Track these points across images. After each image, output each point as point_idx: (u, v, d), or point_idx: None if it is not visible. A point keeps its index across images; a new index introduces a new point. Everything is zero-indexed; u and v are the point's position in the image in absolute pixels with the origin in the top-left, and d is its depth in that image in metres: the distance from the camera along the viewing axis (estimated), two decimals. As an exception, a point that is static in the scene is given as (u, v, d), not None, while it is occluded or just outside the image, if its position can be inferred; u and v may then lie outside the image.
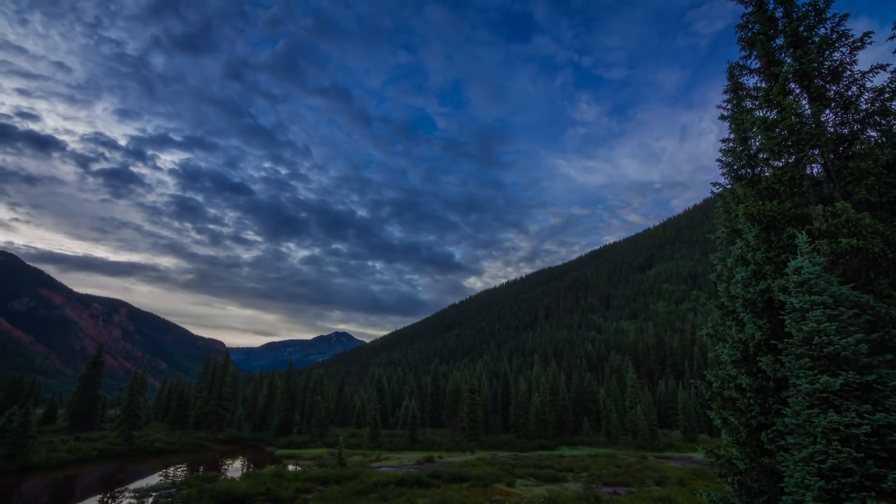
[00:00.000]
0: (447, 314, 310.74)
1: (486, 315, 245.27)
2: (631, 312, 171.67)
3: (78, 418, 65.46)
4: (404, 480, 32.37)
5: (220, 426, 72.58)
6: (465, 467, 38.90)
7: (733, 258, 13.11)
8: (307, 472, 36.34)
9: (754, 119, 13.22)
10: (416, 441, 63.15)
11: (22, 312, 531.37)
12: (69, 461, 44.47)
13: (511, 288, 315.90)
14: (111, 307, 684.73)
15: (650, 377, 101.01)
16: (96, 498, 31.77)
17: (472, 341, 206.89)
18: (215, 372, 73.75)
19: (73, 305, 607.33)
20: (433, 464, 45.32)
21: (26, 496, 32.81)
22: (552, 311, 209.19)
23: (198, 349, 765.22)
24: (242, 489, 28.27)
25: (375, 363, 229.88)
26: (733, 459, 12.22)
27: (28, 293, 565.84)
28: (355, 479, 32.67)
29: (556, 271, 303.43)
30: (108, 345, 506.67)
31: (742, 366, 12.23)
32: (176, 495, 28.33)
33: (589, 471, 39.32)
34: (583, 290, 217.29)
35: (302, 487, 30.41)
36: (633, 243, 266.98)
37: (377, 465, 45.44)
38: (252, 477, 33.76)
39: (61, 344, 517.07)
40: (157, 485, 34.49)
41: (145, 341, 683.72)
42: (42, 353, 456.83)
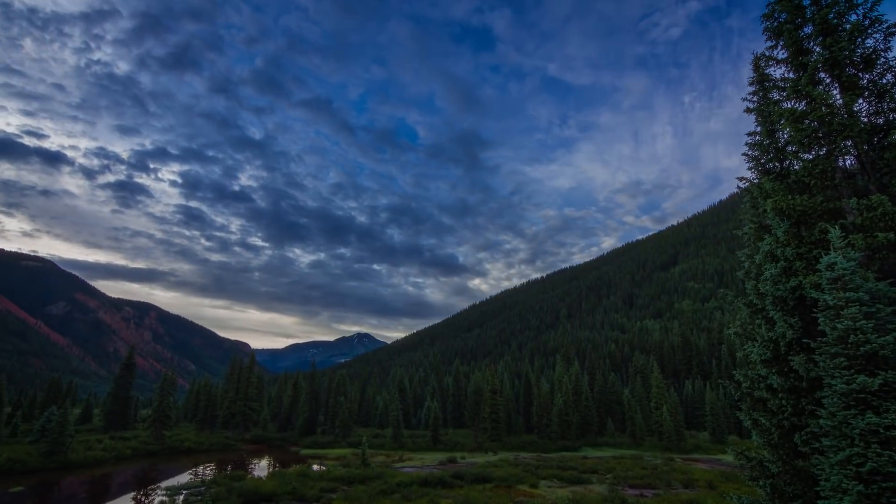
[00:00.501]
0: (468, 314, 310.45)
1: (507, 315, 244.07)
2: (655, 311, 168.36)
3: (112, 418, 67.75)
4: (427, 481, 32.45)
5: (246, 426, 74.08)
6: (487, 468, 38.77)
7: (762, 255, 12.73)
8: (331, 471, 36.78)
9: (782, 111, 12.82)
10: (438, 441, 63.24)
11: (59, 316, 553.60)
12: (105, 459, 46.07)
13: (532, 287, 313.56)
14: (142, 310, 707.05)
15: (676, 377, 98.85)
16: (130, 495, 32.84)
17: (494, 342, 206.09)
18: (241, 373, 75.35)
19: (106, 309, 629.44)
20: (456, 464, 45.31)
21: (65, 493, 34.11)
22: (574, 311, 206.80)
23: (224, 351, 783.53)
24: (269, 488, 28.79)
25: (397, 364, 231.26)
26: (765, 462, 11.85)
27: (64, 298, 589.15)
28: (379, 480, 32.91)
29: (577, 270, 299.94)
30: (139, 347, 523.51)
31: (773, 365, 11.86)
32: (205, 493, 29.04)
33: (614, 472, 38.71)
34: (605, 289, 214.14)
35: (327, 487, 30.79)
36: (656, 241, 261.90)
37: (400, 465, 45.68)
38: (278, 476, 34.36)
39: (96, 346, 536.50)
40: (188, 483, 35.44)
41: (174, 343, 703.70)
42: (78, 356, 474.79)
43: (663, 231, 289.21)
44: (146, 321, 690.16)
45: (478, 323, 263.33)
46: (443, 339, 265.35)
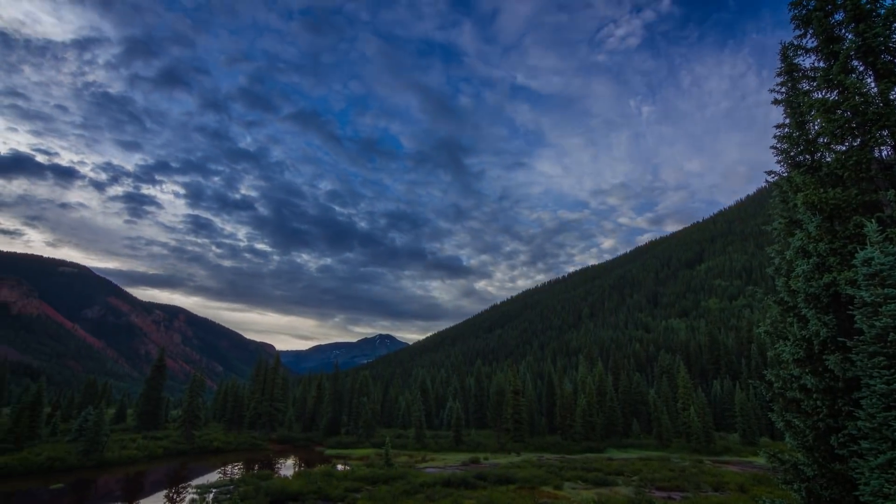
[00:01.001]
0: (489, 315, 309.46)
1: (529, 315, 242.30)
2: (681, 310, 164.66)
3: (145, 418, 69.91)
4: (450, 481, 32.46)
5: (272, 426, 75.44)
6: (510, 469, 38.55)
7: (793, 250, 12.32)
8: (355, 471, 37.14)
9: (812, 101, 12.39)
10: (461, 442, 63.21)
11: (94, 320, 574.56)
12: (138, 458, 47.59)
13: (553, 287, 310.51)
14: (171, 313, 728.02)
15: (703, 377, 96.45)
16: (163, 493, 33.83)
17: (515, 342, 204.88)
18: (267, 374, 76.80)
19: (137, 313, 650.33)
20: (479, 465, 45.21)
21: (102, 491, 35.35)
22: (596, 310, 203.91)
23: (250, 352, 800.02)
24: (295, 487, 29.25)
25: (419, 364, 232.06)
26: (800, 465, 11.45)
27: (98, 302, 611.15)
28: (402, 480, 33.08)
29: (599, 269, 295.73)
30: (169, 349, 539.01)
31: (806, 365, 11.46)
32: (234, 492, 29.68)
33: (640, 474, 37.98)
34: (628, 288, 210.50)
35: (351, 487, 31.11)
36: (680, 238, 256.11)
37: (423, 465, 45.82)
38: (303, 476, 34.88)
39: (128, 349, 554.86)
40: (217, 482, 36.31)
41: (202, 345, 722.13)
42: (112, 358, 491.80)
43: (688, 228, 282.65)
44: (175, 324, 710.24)
45: (499, 323, 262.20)
46: (464, 339, 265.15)
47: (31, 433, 51.88)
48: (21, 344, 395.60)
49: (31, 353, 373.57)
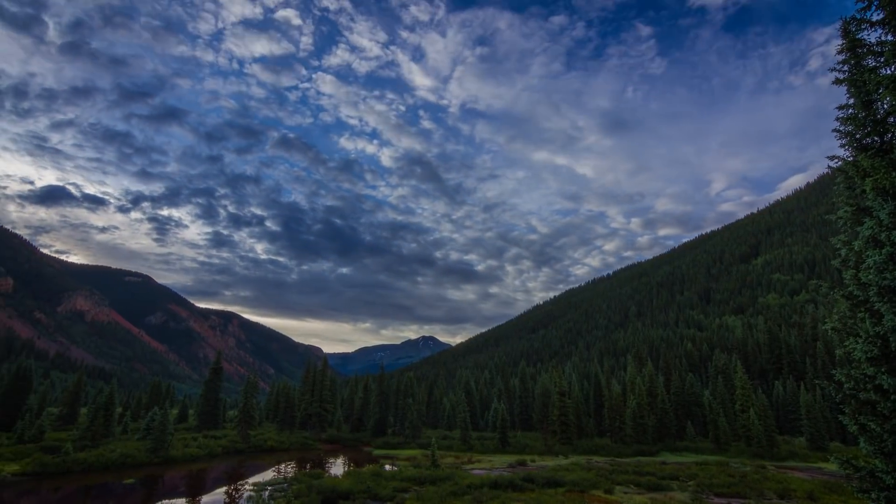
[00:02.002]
0: (532, 315, 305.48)
1: (573, 315, 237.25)
2: (736, 307, 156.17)
3: (204, 418, 73.80)
4: (497, 483, 32.25)
5: (322, 426, 77.69)
6: (558, 472, 37.84)
7: (862, 240, 11.42)
8: (403, 472, 37.62)
9: (880, 78, 11.46)
10: (506, 444, 62.69)
11: (157, 325, 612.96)
12: (200, 456, 50.30)
13: (598, 286, 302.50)
14: (226, 318, 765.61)
15: (763, 378, 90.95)
16: (223, 489, 35.59)
17: (560, 342, 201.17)
18: (315, 376, 79.23)
19: (195, 318, 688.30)
20: (525, 467, 44.68)
21: (168, 486, 37.62)
22: (644, 309, 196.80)
23: (299, 355, 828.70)
24: (345, 486, 29.97)
25: (462, 366, 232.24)
26: (877, 472, 10.58)
27: (161, 309, 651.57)
28: (449, 481, 33.20)
29: (645, 266, 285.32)
30: (224, 352, 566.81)
31: (881, 363, 10.58)
32: (288, 490, 30.79)
33: (697, 479, 36.30)
34: (678, 285, 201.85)
35: (399, 487, 31.54)
36: (733, 231, 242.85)
37: (469, 467, 45.78)
38: (353, 475, 35.69)
39: (188, 352, 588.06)
40: (272, 480, 37.80)
41: (255, 349, 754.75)
42: (174, 361, 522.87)
43: (741, 220, 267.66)
44: (230, 328, 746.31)
45: (542, 323, 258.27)
46: (507, 340, 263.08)
47: (106, 431, 55.96)
48: (95, 348, 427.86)
49: (104, 358, 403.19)
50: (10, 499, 31.16)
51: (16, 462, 41.27)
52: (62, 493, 33.30)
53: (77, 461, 41.03)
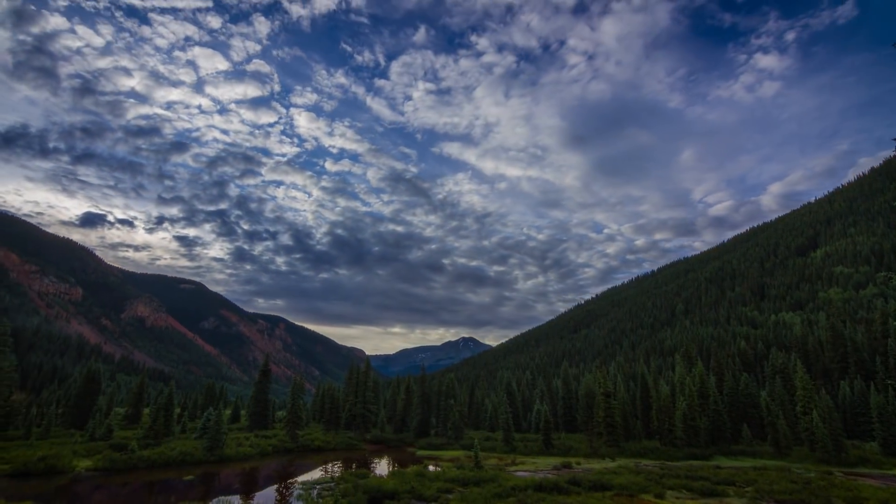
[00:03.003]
0: (573, 315, 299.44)
1: (616, 313, 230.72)
2: (793, 302, 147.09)
3: (255, 418, 76.89)
4: (542, 486, 31.88)
5: (366, 427, 79.21)
6: (605, 475, 36.93)
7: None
8: (447, 472, 37.82)
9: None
10: (550, 446, 61.76)
11: (209, 330, 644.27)
12: (251, 455, 52.48)
13: (641, 283, 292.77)
14: (273, 322, 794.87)
15: (826, 378, 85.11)
16: (274, 487, 37.00)
17: (603, 342, 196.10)
18: (359, 378, 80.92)
19: (245, 323, 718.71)
20: (571, 470, 43.88)
21: (224, 483, 39.48)
22: (692, 306, 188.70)
23: (342, 357, 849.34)
24: (390, 486, 30.47)
25: (503, 367, 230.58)
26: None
27: (213, 314, 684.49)
28: (493, 483, 33.10)
29: (692, 262, 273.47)
30: (272, 355, 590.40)
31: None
32: (335, 489, 31.64)
33: (755, 485, 34.47)
34: (728, 281, 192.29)
35: (443, 487, 31.74)
36: (787, 222, 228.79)
37: (513, 469, 45.45)
38: (398, 475, 36.23)
39: (238, 355, 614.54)
40: (320, 479, 38.95)
41: (300, 351, 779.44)
42: (226, 363, 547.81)
43: (797, 210, 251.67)
44: (277, 332, 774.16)
45: (584, 323, 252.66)
46: (548, 340, 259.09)
47: (166, 430, 59.39)
48: (154, 352, 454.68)
49: (163, 361, 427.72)
50: (85, 492, 33.64)
51: (89, 458, 44.52)
52: (129, 489, 35.61)
53: (142, 458, 43.80)
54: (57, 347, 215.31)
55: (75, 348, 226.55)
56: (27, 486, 34.17)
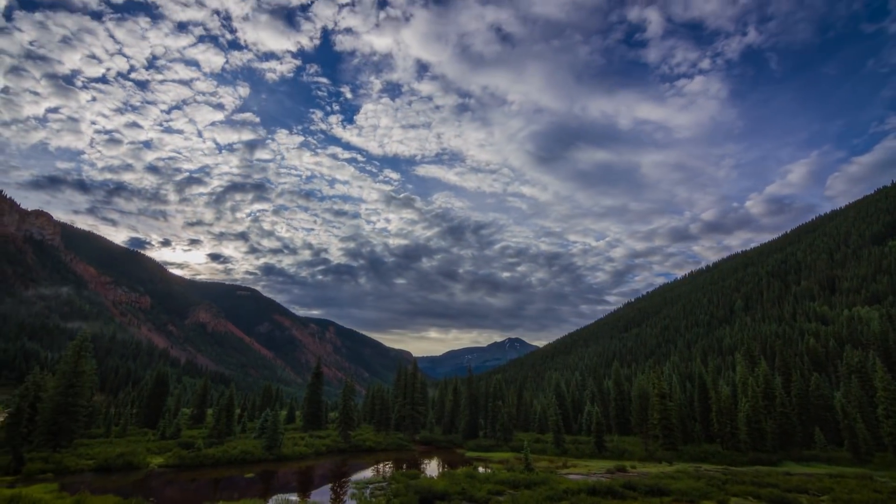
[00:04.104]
0: (623, 313, 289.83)
1: (669, 311, 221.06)
2: (870, 296, 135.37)
3: (309, 419, 79.63)
4: (596, 489, 31.06)
5: (415, 428, 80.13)
6: (663, 479, 35.46)
7: None
8: (497, 474, 37.64)
9: None
10: (603, 448, 60.03)
11: (264, 334, 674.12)
12: (307, 454, 54.39)
13: (696, 279, 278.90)
14: (323, 326, 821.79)
15: (913, 377, 77.66)
16: (328, 486, 38.19)
17: (656, 341, 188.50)
18: (406, 379, 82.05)
19: (297, 327, 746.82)
20: (625, 473, 42.46)
21: (282, 481, 41.17)
22: (752, 302, 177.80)
23: (390, 359, 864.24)
24: (441, 487, 30.68)
25: (551, 367, 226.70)
26: None
27: (267, 319, 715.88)
28: (544, 485, 32.61)
29: (751, 255, 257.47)
30: (323, 358, 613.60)
31: None
32: (387, 488, 32.25)
33: (832, 494, 32.00)
34: (793, 274, 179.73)
35: (493, 489, 31.60)
36: (859, 209, 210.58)
37: (564, 471, 44.56)
38: (448, 476, 36.42)
39: (292, 358, 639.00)
40: (371, 478, 39.82)
41: (350, 353, 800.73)
42: (280, 366, 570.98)
43: (870, 196, 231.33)
44: (327, 335, 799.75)
45: (635, 322, 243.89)
46: (597, 340, 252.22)
47: (228, 430, 62.68)
48: (215, 356, 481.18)
49: (223, 364, 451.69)
50: (159, 487, 36.11)
51: (160, 455, 47.74)
52: (197, 485, 37.88)
53: (207, 456, 46.47)
54: (130, 352, 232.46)
55: (146, 353, 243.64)
56: (108, 481, 37.12)
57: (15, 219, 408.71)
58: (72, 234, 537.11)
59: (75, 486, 33.72)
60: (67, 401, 49.42)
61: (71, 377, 50.73)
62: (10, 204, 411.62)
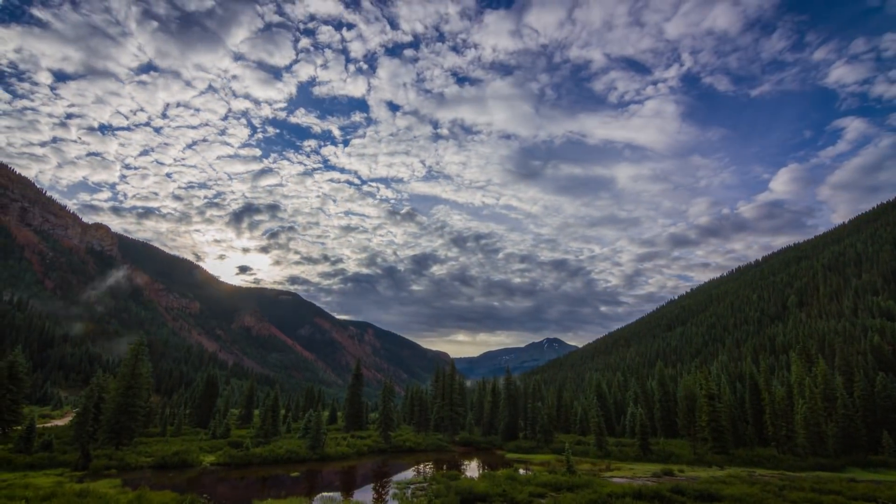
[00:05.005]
0: (666, 311, 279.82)
1: (716, 308, 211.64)
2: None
3: (351, 419, 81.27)
4: (642, 493, 30.12)
5: (454, 429, 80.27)
6: (714, 484, 33.99)
7: None
8: (538, 476, 37.15)
9: None
10: (648, 451, 58.16)
11: (306, 337, 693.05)
12: (349, 454, 55.51)
13: (744, 275, 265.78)
14: (361, 328, 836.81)
15: None
16: (371, 486, 38.85)
17: (702, 340, 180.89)
18: (444, 381, 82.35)
19: (336, 329, 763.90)
20: (673, 478, 40.97)
21: (326, 480, 42.20)
22: (807, 297, 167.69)
23: (428, 360, 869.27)
24: (481, 488, 30.60)
25: (591, 368, 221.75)
26: None
27: (308, 322, 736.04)
28: (587, 488, 31.92)
29: (804, 248, 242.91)
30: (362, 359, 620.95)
31: None
32: (428, 489, 32.45)
33: (903, 503, 29.73)
34: (853, 267, 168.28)
35: (535, 492, 31.23)
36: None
37: (608, 474, 43.47)
38: (488, 478, 36.27)
39: (332, 360, 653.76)
40: (412, 479, 40.18)
41: (388, 355, 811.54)
42: (322, 368, 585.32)
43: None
44: (366, 337, 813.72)
45: (679, 320, 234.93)
46: (639, 339, 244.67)
47: (274, 430, 64.83)
48: (260, 359, 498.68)
49: (267, 366, 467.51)
50: (211, 484, 37.80)
51: (212, 454, 49.96)
52: (246, 482, 39.39)
53: (255, 455, 48.26)
54: (182, 355, 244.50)
55: (196, 356, 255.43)
56: (165, 477, 39.18)
57: (78, 231, 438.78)
58: (127, 244, 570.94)
59: (136, 481, 35.78)
60: (127, 401, 52.56)
61: (130, 379, 53.93)
62: (73, 218, 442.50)
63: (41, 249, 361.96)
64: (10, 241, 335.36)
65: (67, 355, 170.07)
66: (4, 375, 54.70)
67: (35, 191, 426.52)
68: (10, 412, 55.68)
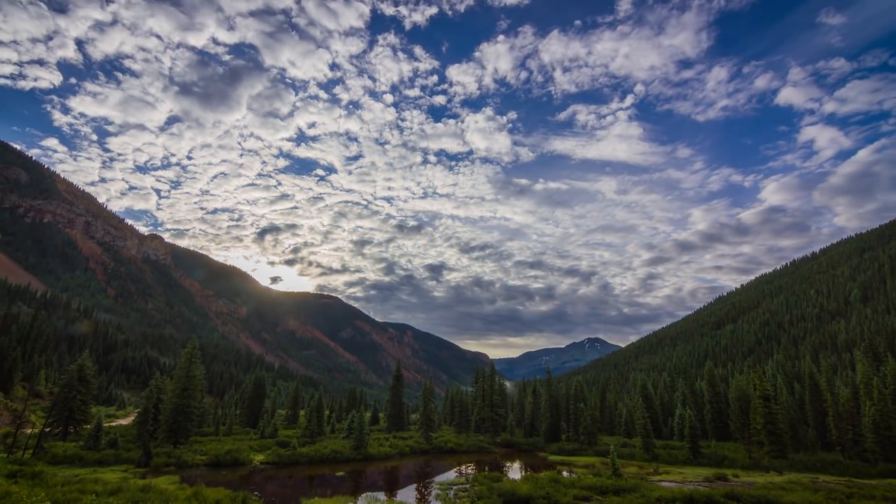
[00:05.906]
0: (715, 308, 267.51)
1: (769, 304, 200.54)
2: None
3: (392, 420, 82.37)
4: (693, 499, 28.98)
5: (496, 430, 79.82)
6: (772, 491, 32.23)
7: None
8: (582, 479, 36.41)
9: None
10: (699, 454, 55.76)
11: (347, 339, 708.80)
12: (391, 455, 56.30)
13: (799, 268, 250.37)
14: (401, 330, 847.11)
15: None
16: (413, 486, 39.25)
17: (755, 338, 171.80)
18: (485, 382, 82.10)
19: (377, 331, 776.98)
20: (726, 483, 39.13)
21: (370, 479, 42.98)
22: (873, 291, 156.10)
23: (467, 361, 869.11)
24: (524, 491, 30.32)
25: (635, 368, 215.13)
26: None
27: (349, 325, 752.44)
28: (635, 492, 31.02)
29: (867, 238, 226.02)
30: (403, 361, 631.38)
31: None
32: (470, 490, 32.46)
33: None
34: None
35: (579, 495, 30.65)
36: None
37: (656, 478, 42.02)
38: (531, 480, 35.86)
39: (373, 362, 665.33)
40: (454, 480, 40.30)
41: (428, 357, 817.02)
42: (363, 370, 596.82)
43: None
44: (405, 339, 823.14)
45: (730, 317, 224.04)
46: (686, 338, 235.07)
47: (319, 430, 66.62)
48: (304, 361, 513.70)
49: (311, 368, 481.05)
50: (261, 482, 39.32)
51: (261, 453, 51.92)
52: (294, 480, 40.71)
53: (302, 454, 49.79)
54: (232, 358, 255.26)
55: (245, 359, 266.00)
56: (219, 475, 41.07)
57: (135, 242, 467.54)
58: (180, 253, 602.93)
59: (192, 478, 37.71)
60: (183, 402, 55.46)
61: (185, 381, 56.90)
62: (130, 230, 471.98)
63: (104, 260, 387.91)
64: (77, 253, 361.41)
65: (129, 359, 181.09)
66: (75, 378, 58.93)
67: (97, 205, 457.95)
68: (81, 412, 59.87)
